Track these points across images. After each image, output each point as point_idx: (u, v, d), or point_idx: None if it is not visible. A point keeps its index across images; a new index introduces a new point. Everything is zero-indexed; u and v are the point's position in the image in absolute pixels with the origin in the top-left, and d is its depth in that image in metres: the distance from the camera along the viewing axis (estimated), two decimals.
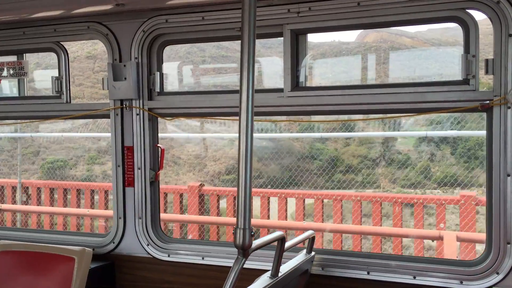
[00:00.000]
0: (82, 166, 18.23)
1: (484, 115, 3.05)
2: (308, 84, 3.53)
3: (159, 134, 3.91)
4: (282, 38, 3.43)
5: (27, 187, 10.65)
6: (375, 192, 14.84)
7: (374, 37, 19.33)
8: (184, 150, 17.81)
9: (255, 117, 2.30)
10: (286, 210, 8.57)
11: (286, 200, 8.61)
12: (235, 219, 2.25)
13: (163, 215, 8.36)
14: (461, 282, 3.05)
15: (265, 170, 15.41)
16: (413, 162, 15.91)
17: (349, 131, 12.84)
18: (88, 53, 20.80)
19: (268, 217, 8.67)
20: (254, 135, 2.27)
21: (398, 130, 14.90)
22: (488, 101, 2.96)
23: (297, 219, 8.49)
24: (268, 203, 8.69)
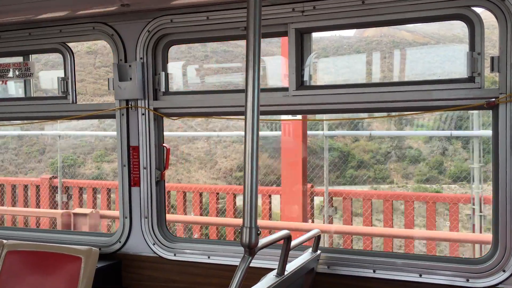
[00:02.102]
0: (91, 164, 18.18)
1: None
2: (312, 82, 3.53)
3: (164, 133, 3.93)
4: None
5: (68, 187, 10.14)
6: (391, 187, 14.80)
7: (374, 31, 19.32)
8: (193, 147, 17.78)
9: (260, 116, 2.31)
10: (312, 208, 8.41)
11: (313, 198, 8.47)
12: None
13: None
14: (467, 280, 3.05)
15: (276, 167, 15.34)
16: (426, 157, 15.83)
17: (356, 125, 12.80)
18: (88, 48, 20.72)
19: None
20: (262, 133, 2.28)
21: (407, 125, 14.81)
22: (493, 99, 2.95)
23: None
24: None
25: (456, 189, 14.21)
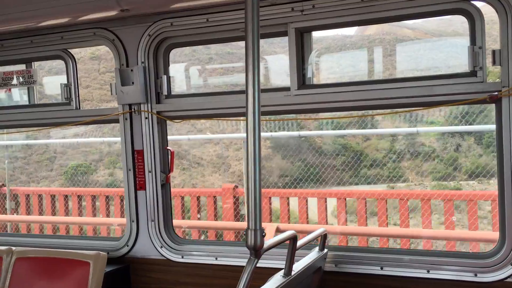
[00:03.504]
0: (103, 171, 18.10)
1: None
2: (315, 81, 3.53)
3: (169, 137, 3.94)
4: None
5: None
6: (409, 186, 14.65)
7: (375, 29, 19.27)
8: (205, 150, 17.73)
9: (262, 117, 2.31)
10: (326, 209, 8.12)
11: (326, 200, 8.16)
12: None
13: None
14: (475, 275, 3.04)
15: (290, 168, 15.26)
16: (440, 154, 15.67)
17: (365, 124, 12.68)
18: (92, 53, 20.69)
19: (307, 219, 8.35)
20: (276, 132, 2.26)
21: (416, 121, 14.64)
22: (496, 93, 2.94)
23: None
24: (306, 203, 8.29)
25: (474, 185, 14.05)
